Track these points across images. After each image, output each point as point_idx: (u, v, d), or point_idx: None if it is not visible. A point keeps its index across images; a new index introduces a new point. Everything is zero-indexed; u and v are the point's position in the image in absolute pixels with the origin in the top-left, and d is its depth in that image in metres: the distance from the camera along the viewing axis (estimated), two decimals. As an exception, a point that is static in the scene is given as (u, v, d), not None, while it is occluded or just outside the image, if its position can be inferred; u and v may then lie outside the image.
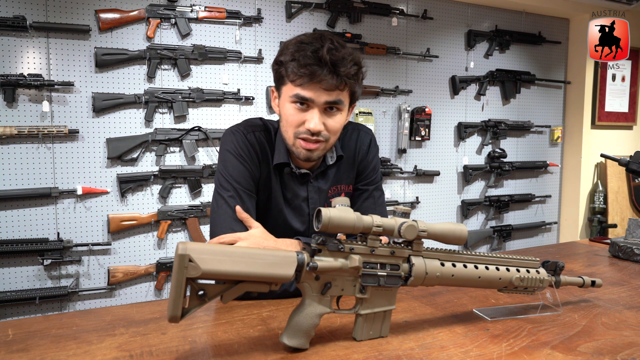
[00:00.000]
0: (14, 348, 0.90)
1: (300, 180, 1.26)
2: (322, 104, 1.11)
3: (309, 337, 0.89)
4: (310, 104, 1.11)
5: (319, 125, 1.12)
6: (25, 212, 2.44)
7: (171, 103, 2.67)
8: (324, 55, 1.06)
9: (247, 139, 1.21)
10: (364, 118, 3.18)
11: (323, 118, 1.12)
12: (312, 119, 1.11)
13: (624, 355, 0.91)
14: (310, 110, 1.11)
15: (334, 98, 1.11)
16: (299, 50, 1.08)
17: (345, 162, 1.32)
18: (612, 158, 1.82)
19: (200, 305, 0.81)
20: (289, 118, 1.13)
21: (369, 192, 1.36)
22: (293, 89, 1.10)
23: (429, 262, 0.97)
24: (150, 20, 2.61)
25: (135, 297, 2.71)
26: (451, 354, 0.89)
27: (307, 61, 1.07)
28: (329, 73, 1.07)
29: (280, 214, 1.26)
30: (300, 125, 1.13)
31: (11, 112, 2.39)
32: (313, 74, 1.07)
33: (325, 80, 1.08)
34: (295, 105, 1.12)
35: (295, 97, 1.10)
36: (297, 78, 1.08)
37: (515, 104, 3.85)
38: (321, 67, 1.07)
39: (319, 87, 1.09)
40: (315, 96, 1.10)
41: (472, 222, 3.76)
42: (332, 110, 1.13)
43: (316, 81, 1.08)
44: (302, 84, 1.09)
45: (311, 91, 1.09)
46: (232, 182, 1.19)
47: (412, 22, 3.38)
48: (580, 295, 1.27)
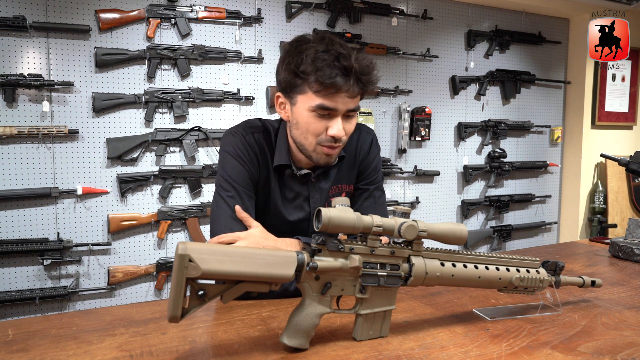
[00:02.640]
0: (14, 348, 0.90)
1: (301, 180, 1.26)
2: (344, 112, 1.12)
3: (309, 337, 0.89)
4: (332, 113, 1.11)
5: (342, 131, 1.12)
6: (25, 212, 2.44)
7: (171, 103, 2.67)
8: (352, 64, 1.06)
9: (246, 141, 1.21)
10: (364, 118, 3.18)
11: (343, 124, 1.13)
12: (335, 126, 1.11)
13: (624, 355, 0.91)
14: (334, 119, 1.11)
15: (355, 106, 1.13)
16: (320, 59, 1.06)
17: (346, 161, 1.32)
18: (612, 158, 1.82)
19: (200, 305, 0.81)
20: (310, 127, 1.12)
21: (369, 191, 1.37)
22: (315, 99, 1.09)
23: (429, 262, 0.97)
24: (150, 20, 2.61)
25: (135, 297, 2.71)
26: (451, 354, 0.89)
27: (333, 72, 1.05)
28: (354, 83, 1.08)
29: (280, 213, 1.27)
30: (322, 133, 1.13)
31: (11, 112, 2.39)
32: (339, 85, 1.06)
33: (350, 90, 1.08)
34: (316, 114, 1.11)
35: (318, 107, 1.09)
36: (323, 89, 1.07)
37: (515, 104, 3.85)
38: (348, 78, 1.07)
39: (344, 97, 1.09)
40: (339, 105, 1.10)
41: (472, 222, 3.76)
42: (351, 115, 1.15)
43: (342, 92, 1.08)
44: (327, 94, 1.08)
45: (336, 101, 1.09)
46: (231, 182, 1.19)
47: (412, 22, 3.38)
48: (580, 295, 1.27)
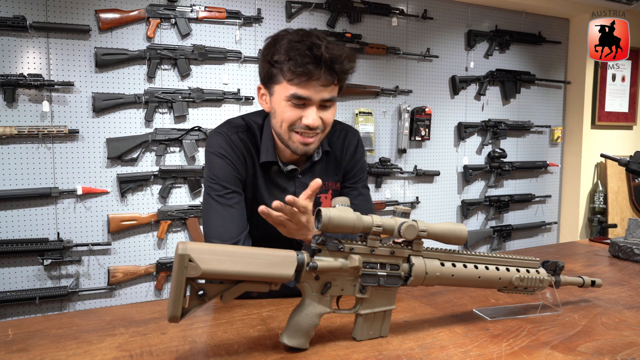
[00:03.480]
0: (14, 348, 0.90)
1: (287, 176, 1.27)
2: (319, 102, 1.13)
3: (308, 337, 0.89)
4: (307, 102, 1.12)
5: (318, 121, 1.14)
6: (25, 212, 2.44)
7: (171, 103, 2.67)
8: (322, 53, 1.07)
9: (230, 140, 1.22)
10: (364, 118, 3.18)
11: (319, 113, 1.14)
12: (310, 116, 1.12)
13: (624, 355, 0.91)
14: (308, 108, 1.13)
15: (329, 95, 1.13)
16: (293, 49, 1.08)
17: (332, 159, 1.34)
18: (612, 158, 1.82)
19: (200, 305, 0.81)
20: (285, 115, 1.14)
21: (358, 190, 1.39)
22: (289, 88, 1.11)
23: (429, 262, 0.97)
24: (150, 20, 2.61)
25: (135, 297, 2.71)
26: (451, 354, 0.89)
27: (304, 60, 1.07)
28: (326, 71, 1.09)
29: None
30: (296, 121, 1.14)
31: (11, 112, 2.39)
32: (311, 73, 1.08)
33: (322, 78, 1.09)
34: (291, 103, 1.12)
35: (292, 96, 1.11)
36: (295, 77, 1.09)
37: (515, 104, 3.85)
38: (319, 66, 1.08)
39: (317, 85, 1.10)
40: (312, 94, 1.11)
41: (472, 222, 3.76)
42: (327, 105, 1.15)
43: (314, 80, 1.09)
44: (299, 83, 1.09)
45: (309, 90, 1.10)
46: (219, 182, 1.20)
47: (412, 22, 3.38)
48: (580, 295, 1.27)
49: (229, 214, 1.18)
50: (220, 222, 1.17)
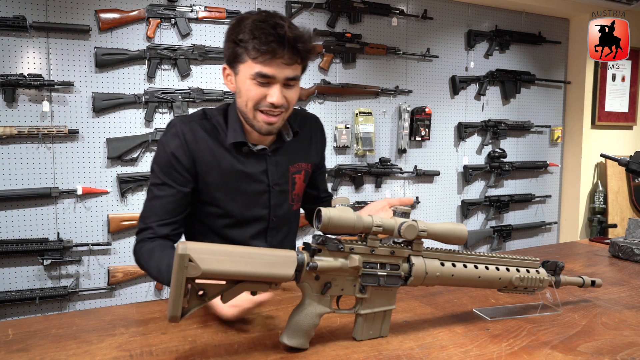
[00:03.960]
0: (14, 348, 0.90)
1: (257, 156, 1.28)
2: (283, 80, 1.15)
3: (308, 337, 0.89)
4: (271, 80, 1.14)
5: (282, 99, 1.16)
6: (25, 212, 2.44)
7: (171, 103, 2.67)
8: (286, 32, 1.11)
9: (179, 130, 1.23)
10: (364, 118, 3.18)
11: (283, 92, 1.16)
12: (274, 94, 1.15)
13: (624, 355, 0.91)
14: (272, 86, 1.15)
15: (293, 74, 1.16)
16: (257, 28, 1.11)
17: (303, 141, 1.37)
18: (612, 158, 1.82)
19: (200, 305, 0.81)
20: (250, 94, 1.16)
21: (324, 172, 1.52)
22: (254, 67, 1.13)
23: (429, 262, 0.97)
24: (150, 20, 2.61)
25: (135, 297, 2.71)
26: (451, 354, 0.89)
27: (269, 39, 1.10)
28: (289, 49, 1.12)
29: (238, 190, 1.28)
30: (261, 100, 1.16)
31: (11, 112, 2.39)
32: (275, 52, 1.10)
33: (285, 56, 1.12)
34: (256, 82, 1.14)
35: (256, 75, 1.13)
36: (259, 55, 1.11)
37: (515, 104, 3.85)
38: (282, 45, 1.10)
39: (280, 63, 1.13)
40: (276, 72, 1.13)
41: (472, 222, 3.76)
42: (290, 85, 1.18)
43: (277, 57, 1.11)
44: (263, 61, 1.12)
45: (273, 68, 1.12)
46: (155, 171, 1.23)
47: (412, 22, 3.38)
48: (580, 295, 1.27)
49: (153, 203, 1.22)
50: (146, 206, 1.24)
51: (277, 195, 1.31)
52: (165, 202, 1.21)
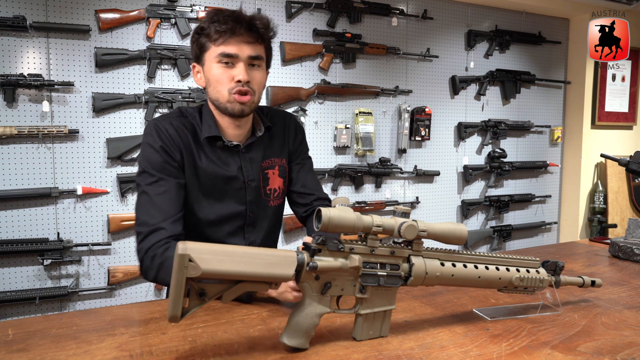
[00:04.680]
0: (14, 348, 0.90)
1: (231, 152, 1.29)
2: (246, 59, 1.19)
3: (308, 336, 0.89)
4: (234, 60, 1.19)
5: (247, 75, 1.19)
6: (25, 212, 2.44)
7: (171, 103, 2.67)
8: (241, 13, 1.19)
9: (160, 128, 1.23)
10: (364, 118, 3.18)
11: (249, 72, 1.20)
12: (240, 72, 1.19)
13: (624, 355, 0.91)
14: (236, 66, 1.19)
15: (256, 52, 1.20)
16: (216, 14, 1.19)
17: (275, 136, 1.38)
18: (612, 158, 1.82)
19: (200, 305, 0.81)
20: (218, 77, 1.20)
21: (307, 165, 1.45)
22: (217, 50, 1.18)
23: (429, 262, 0.97)
24: (150, 20, 2.61)
25: (135, 297, 2.71)
26: (451, 354, 0.89)
27: (226, 19, 1.17)
28: (247, 27, 1.18)
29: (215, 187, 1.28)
30: (230, 82, 1.19)
31: (11, 112, 2.39)
32: (233, 29, 1.16)
33: (245, 34, 1.18)
34: (221, 65, 1.19)
35: (220, 55, 1.18)
36: (219, 36, 1.17)
37: (515, 104, 3.85)
38: (239, 23, 1.17)
39: (241, 41, 1.18)
40: (238, 50, 1.18)
41: (472, 222, 3.76)
42: (254, 65, 1.22)
43: (237, 35, 1.17)
44: (224, 40, 1.17)
45: (234, 46, 1.18)
46: (147, 169, 1.21)
47: (412, 22, 3.38)
48: (580, 295, 1.27)
49: (154, 202, 1.18)
50: (145, 209, 1.18)
51: (252, 191, 1.32)
52: (169, 197, 1.19)
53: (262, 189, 1.34)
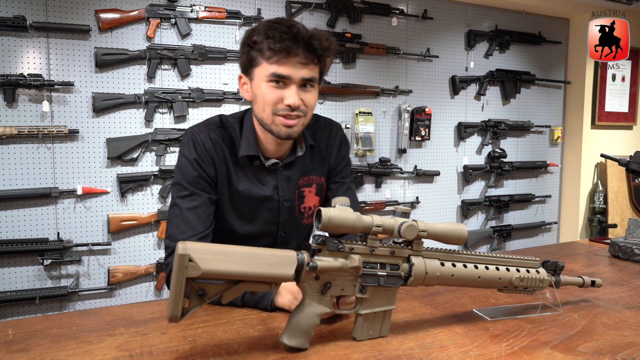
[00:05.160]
0: (14, 348, 0.90)
1: (268, 170, 1.26)
2: (299, 81, 1.12)
3: (308, 336, 0.89)
4: (287, 81, 1.11)
5: (299, 100, 1.12)
6: (25, 212, 2.44)
7: (171, 103, 2.67)
8: (300, 30, 1.08)
9: (197, 139, 1.20)
10: (364, 118, 3.18)
11: (300, 94, 1.13)
12: (290, 95, 1.11)
13: (624, 355, 0.91)
14: (288, 88, 1.12)
15: (309, 75, 1.12)
16: (271, 28, 1.09)
17: (316, 154, 1.32)
18: (612, 158, 1.82)
19: (200, 305, 0.81)
20: (266, 97, 1.13)
21: (347, 184, 1.38)
22: (268, 68, 1.10)
23: (429, 262, 0.97)
24: (150, 20, 2.61)
25: (135, 297, 2.71)
26: (451, 354, 0.89)
27: (283, 37, 1.07)
28: (304, 48, 1.09)
29: (247, 206, 1.26)
30: (278, 103, 1.13)
31: (11, 112, 2.39)
32: (289, 49, 1.08)
33: (301, 54, 1.09)
34: (272, 84, 1.11)
35: (272, 75, 1.10)
36: (273, 55, 1.09)
37: (515, 104, 3.85)
38: (297, 42, 1.08)
39: (296, 62, 1.10)
40: (292, 72, 1.10)
41: (472, 222, 3.76)
42: (307, 87, 1.14)
43: (292, 56, 1.09)
44: (278, 60, 1.09)
45: (288, 67, 1.10)
46: (181, 182, 1.20)
47: (412, 22, 3.38)
48: (580, 295, 1.27)
49: (185, 216, 1.17)
50: (175, 222, 1.18)
51: (286, 211, 1.28)
52: (199, 213, 1.18)
53: (296, 207, 1.30)
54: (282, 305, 1.08)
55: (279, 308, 1.10)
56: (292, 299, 1.07)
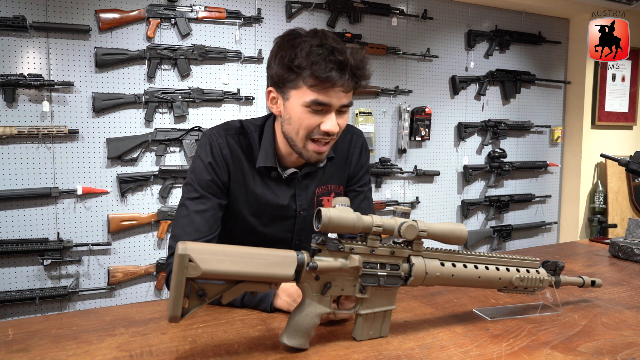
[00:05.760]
0: (14, 348, 0.90)
1: (286, 181, 1.25)
2: (338, 107, 1.10)
3: (308, 337, 0.89)
4: (327, 108, 1.09)
5: (337, 127, 1.11)
6: (25, 212, 2.44)
7: (171, 103, 2.67)
8: (346, 59, 1.04)
9: (215, 143, 1.19)
10: (364, 118, 3.18)
11: (337, 119, 1.11)
12: (329, 122, 1.09)
13: (624, 355, 0.91)
14: (328, 114, 1.09)
15: (348, 101, 1.11)
16: (314, 53, 1.04)
17: (336, 162, 1.31)
18: (612, 158, 1.82)
19: (200, 305, 0.81)
20: (303, 122, 1.10)
21: (364, 193, 1.37)
22: (309, 94, 1.06)
23: (429, 262, 0.97)
24: (150, 20, 2.61)
25: (135, 297, 2.71)
26: (451, 354, 0.89)
27: (328, 66, 1.03)
28: (349, 78, 1.06)
29: (264, 212, 1.25)
30: (314, 128, 1.10)
31: (11, 112, 2.39)
32: (334, 80, 1.04)
33: (345, 84, 1.06)
34: (310, 110, 1.08)
35: (312, 102, 1.07)
36: (317, 83, 1.05)
37: (515, 104, 3.85)
38: (343, 73, 1.05)
39: (339, 91, 1.07)
40: (334, 101, 1.08)
41: (472, 222, 3.76)
42: (344, 111, 1.13)
43: (337, 86, 1.06)
44: (322, 89, 1.05)
45: (331, 96, 1.07)
46: (192, 183, 1.19)
47: (412, 22, 3.38)
48: (580, 295, 1.27)
49: (191, 218, 1.17)
50: (181, 223, 1.17)
51: (302, 220, 1.28)
52: (206, 216, 1.17)
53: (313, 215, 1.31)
54: (280, 307, 1.09)
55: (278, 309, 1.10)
56: (290, 300, 1.06)
